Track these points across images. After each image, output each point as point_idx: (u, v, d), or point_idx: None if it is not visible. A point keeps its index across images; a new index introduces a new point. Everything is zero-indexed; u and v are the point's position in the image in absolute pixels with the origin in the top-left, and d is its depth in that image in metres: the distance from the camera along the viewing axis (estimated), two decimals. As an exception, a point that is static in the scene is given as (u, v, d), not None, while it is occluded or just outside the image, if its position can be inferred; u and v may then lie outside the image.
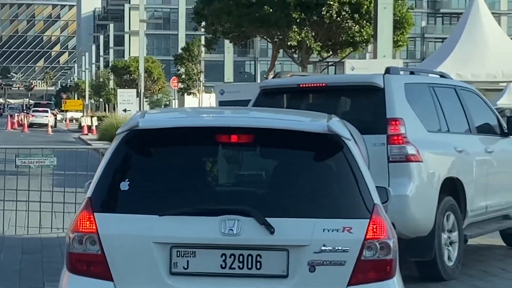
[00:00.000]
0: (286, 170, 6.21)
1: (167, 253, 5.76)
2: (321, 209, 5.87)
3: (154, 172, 6.15)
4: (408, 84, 11.49)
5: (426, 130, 11.26)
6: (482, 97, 13.45)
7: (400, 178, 10.62)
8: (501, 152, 12.84)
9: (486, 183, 12.22)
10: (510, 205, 12.91)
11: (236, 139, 6.15)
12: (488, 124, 12.90)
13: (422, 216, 10.80)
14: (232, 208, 5.81)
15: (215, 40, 47.90)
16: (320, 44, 41.14)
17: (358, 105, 11.57)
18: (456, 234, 11.37)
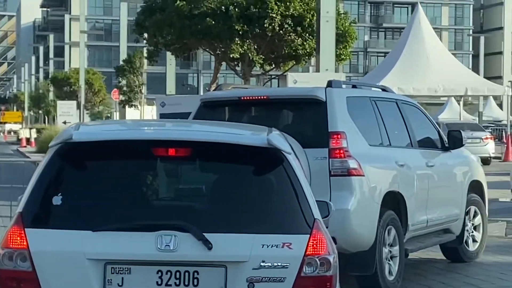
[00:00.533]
0: (226, 184, 6.14)
1: (101, 270, 5.64)
2: (261, 224, 5.79)
3: (89, 186, 6.02)
4: (350, 98, 11.46)
5: (368, 144, 11.25)
6: (424, 111, 13.53)
7: (341, 192, 10.59)
8: (442, 166, 12.90)
9: (427, 197, 12.26)
10: (450, 219, 12.98)
11: (174, 153, 6.06)
12: (429, 138, 12.98)
13: (364, 231, 10.79)
14: (169, 223, 5.71)
15: (157, 52, 47.92)
16: (262, 57, 41.34)
17: (300, 118, 11.53)
18: (397, 248, 11.37)
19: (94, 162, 6.14)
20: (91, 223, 5.72)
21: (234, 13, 39.40)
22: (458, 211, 13.18)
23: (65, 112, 62.62)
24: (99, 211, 5.88)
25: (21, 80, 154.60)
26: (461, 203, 13.27)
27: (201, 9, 40.27)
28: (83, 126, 6.47)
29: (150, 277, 5.66)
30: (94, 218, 5.78)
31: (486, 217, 14.25)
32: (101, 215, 5.83)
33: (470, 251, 13.75)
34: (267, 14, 38.81)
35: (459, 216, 13.19)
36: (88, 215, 5.83)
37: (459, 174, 13.47)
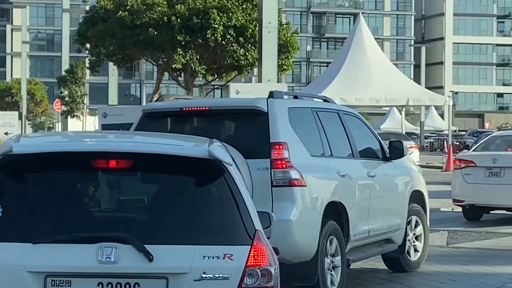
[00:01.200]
0: (167, 196, 6.12)
1: (42, 283, 5.59)
2: (202, 235, 5.78)
3: (29, 199, 5.96)
4: (292, 108, 11.46)
5: (310, 154, 11.24)
6: (365, 122, 13.59)
7: (283, 202, 10.58)
8: (383, 176, 12.95)
9: (368, 207, 12.30)
10: (392, 229, 13.01)
11: (115, 164, 6.01)
12: (371, 148, 13.04)
13: (305, 241, 10.78)
14: (110, 235, 5.67)
15: (99, 62, 47.75)
16: (205, 67, 41.36)
17: (242, 129, 11.49)
18: (339, 258, 11.36)
19: (35, 174, 6.08)
20: (32, 235, 5.66)
21: (176, 23, 39.37)
22: (400, 221, 13.23)
23: (6, 123, 62.24)
24: (40, 223, 5.83)
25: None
26: (402, 213, 13.33)
27: (143, 19, 40.18)
28: (24, 138, 6.43)
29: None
30: (35, 231, 5.73)
31: (427, 227, 14.31)
32: (42, 227, 5.78)
33: (412, 260, 13.80)
34: (209, 25, 38.83)
35: (400, 226, 13.23)
36: (28, 228, 5.77)
37: (400, 184, 13.54)
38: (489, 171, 20.10)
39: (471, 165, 20.41)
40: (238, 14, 39.15)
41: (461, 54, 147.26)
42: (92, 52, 46.05)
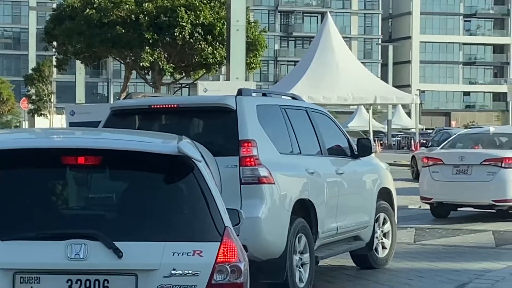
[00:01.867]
0: (136, 192, 6.12)
1: (10, 280, 5.59)
2: (172, 232, 5.78)
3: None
4: (260, 106, 11.46)
5: (279, 152, 11.25)
6: (333, 120, 13.63)
7: (252, 200, 10.60)
8: (352, 174, 12.98)
9: (337, 205, 12.31)
10: (360, 226, 13.05)
11: (83, 161, 6.00)
12: (339, 146, 13.03)
13: (274, 238, 10.79)
14: (79, 232, 5.67)
15: (66, 61, 47.64)
16: (173, 65, 41.39)
17: (211, 126, 11.52)
18: (307, 255, 11.38)
19: (2, 171, 6.08)
20: (5, 233, 5.68)
21: (144, 21, 39.39)
22: (368, 218, 13.28)
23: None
24: (7, 220, 5.81)
25: None
26: (370, 210, 13.38)
27: (110, 17, 40.18)
28: None
29: (60, 286, 5.60)
30: (3, 227, 5.72)
31: (395, 224, 14.38)
32: (10, 224, 5.77)
33: (380, 257, 13.86)
34: (177, 23, 38.84)
35: (368, 223, 13.28)
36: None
37: (368, 181, 13.59)
38: (456, 169, 20.22)
39: (439, 163, 20.59)
40: (206, 12, 39.17)
41: (428, 53, 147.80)
42: (59, 50, 46.02)
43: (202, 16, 39.05)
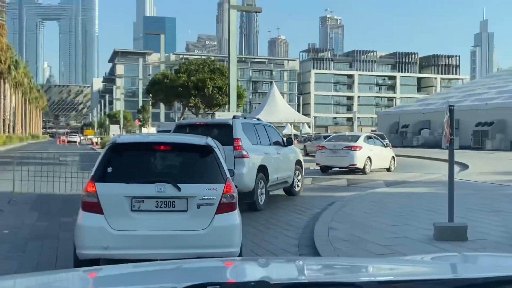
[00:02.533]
0: (187, 163, 6.14)
1: (129, 202, 5.64)
2: (203, 179, 5.85)
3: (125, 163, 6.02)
4: (243, 123, 11.63)
5: (251, 143, 11.34)
6: (275, 129, 13.71)
7: (240, 165, 10.67)
8: (284, 153, 13.01)
9: (277, 167, 12.36)
10: (287, 176, 13.14)
11: (163, 148, 6.18)
12: (278, 141, 13.05)
13: (249, 182, 10.89)
14: (161, 179, 5.73)
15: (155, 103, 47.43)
16: (204, 105, 41.22)
17: (222, 132, 11.37)
18: (264, 189, 11.49)
19: (127, 152, 6.09)
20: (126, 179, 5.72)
21: (190, 86, 39.41)
22: (291, 173, 13.33)
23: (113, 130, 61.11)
24: (130, 174, 5.84)
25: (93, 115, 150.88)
26: (292, 169, 13.40)
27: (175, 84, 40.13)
28: (122, 136, 6.40)
29: (153, 204, 5.65)
30: (127, 177, 5.75)
31: (303, 175, 14.35)
32: (130, 176, 5.79)
33: (296, 190, 13.86)
34: (205, 86, 38.79)
35: (291, 175, 13.36)
36: (124, 176, 5.79)
37: (291, 156, 13.50)
38: (331, 150, 20.36)
39: (324, 148, 20.66)
40: (219, 81, 39.10)
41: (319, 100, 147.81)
42: (153, 98, 45.65)
43: (217, 83, 39.01)
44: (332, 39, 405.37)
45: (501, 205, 10.92)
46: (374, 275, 1.88)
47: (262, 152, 11.69)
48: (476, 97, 52.31)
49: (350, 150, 19.90)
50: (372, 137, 21.84)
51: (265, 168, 11.65)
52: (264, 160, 11.66)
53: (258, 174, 11.26)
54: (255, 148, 11.46)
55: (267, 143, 12.36)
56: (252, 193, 11.03)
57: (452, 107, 7.28)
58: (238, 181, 10.33)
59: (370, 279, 1.54)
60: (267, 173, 11.74)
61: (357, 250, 6.99)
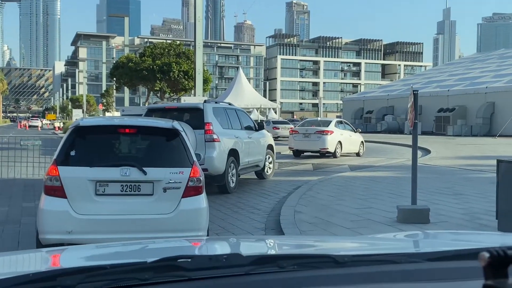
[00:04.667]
0: (153, 146, 6.06)
1: (94, 186, 5.55)
2: (169, 163, 5.79)
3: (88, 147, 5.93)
4: (214, 107, 11.66)
5: (222, 127, 11.41)
6: (246, 113, 13.84)
7: (211, 149, 10.80)
8: (255, 137, 13.15)
9: (248, 151, 12.49)
10: (259, 160, 13.31)
11: (128, 131, 6.07)
12: (249, 125, 13.15)
13: (220, 165, 11.00)
14: (125, 163, 5.66)
15: (119, 87, 46.67)
16: (169, 89, 40.83)
17: (193, 116, 11.41)
18: (235, 172, 11.67)
19: (90, 135, 5.96)
20: (89, 163, 5.61)
21: (156, 69, 38.89)
22: (262, 157, 13.49)
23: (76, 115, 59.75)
24: (94, 157, 5.74)
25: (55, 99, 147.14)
26: (263, 153, 13.57)
27: (140, 67, 39.57)
28: (85, 119, 6.24)
29: (118, 189, 5.58)
30: (91, 161, 5.64)
31: (274, 160, 14.56)
32: (95, 159, 5.69)
33: (267, 174, 14.06)
34: (171, 70, 38.41)
35: (262, 159, 13.55)
36: (88, 159, 5.67)
37: (262, 141, 13.63)
38: (303, 135, 20.67)
39: (296, 132, 21.04)
40: (185, 65, 38.72)
41: (285, 85, 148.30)
42: (117, 82, 44.87)
43: (183, 67, 38.60)
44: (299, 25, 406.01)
45: (462, 189, 11.21)
46: (347, 250, 1.88)
47: (233, 136, 11.76)
48: (438, 84, 53.36)
49: (322, 134, 20.14)
50: (342, 122, 22.24)
51: (236, 151, 11.74)
52: (235, 144, 11.74)
53: (229, 158, 11.35)
54: (226, 132, 11.51)
55: (238, 128, 12.43)
56: (223, 176, 11.11)
57: (416, 91, 7.39)
58: (209, 164, 10.62)
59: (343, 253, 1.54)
60: (238, 157, 11.83)
61: (323, 232, 7.06)
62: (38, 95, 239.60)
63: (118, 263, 1.37)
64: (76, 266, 1.48)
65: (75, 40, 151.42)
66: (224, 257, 1.34)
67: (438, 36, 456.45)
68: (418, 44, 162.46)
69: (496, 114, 42.68)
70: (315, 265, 1.35)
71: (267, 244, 2.10)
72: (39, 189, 5.83)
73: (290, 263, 1.34)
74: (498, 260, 0.95)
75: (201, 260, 1.36)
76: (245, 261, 1.32)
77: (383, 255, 1.52)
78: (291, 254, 1.62)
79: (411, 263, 1.39)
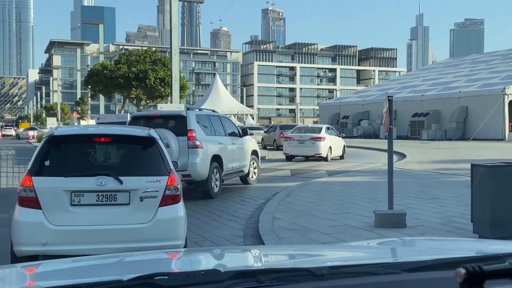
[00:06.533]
0: (129, 154, 6.01)
1: (69, 196, 5.45)
2: (146, 172, 5.73)
3: (63, 156, 5.83)
4: (197, 114, 11.89)
5: (205, 134, 11.64)
6: (231, 120, 14.40)
7: (194, 155, 11.08)
8: (239, 143, 13.33)
9: (232, 157, 12.71)
10: (243, 166, 13.51)
11: (103, 139, 6.00)
12: (233, 131, 13.36)
13: (203, 171, 11.27)
14: (101, 172, 5.58)
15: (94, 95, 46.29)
16: (145, 97, 40.56)
17: (176, 122, 11.59)
18: (218, 177, 11.90)
19: (65, 145, 5.88)
20: (64, 173, 5.52)
21: (131, 76, 38.61)
22: (246, 163, 13.70)
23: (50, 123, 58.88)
24: (69, 167, 5.64)
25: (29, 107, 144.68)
26: (247, 159, 13.77)
27: (116, 74, 39.22)
28: (59, 128, 6.15)
29: (94, 198, 5.50)
30: (66, 171, 5.56)
31: (259, 165, 14.81)
32: (70, 169, 5.59)
33: (252, 179, 14.28)
34: (147, 77, 38.16)
35: (247, 165, 13.75)
36: (63, 169, 5.57)
37: (246, 146, 13.81)
38: (298, 141, 21.78)
39: (291, 139, 22.06)
40: (161, 72, 38.52)
41: (262, 91, 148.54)
42: (92, 89, 44.41)
43: (159, 74, 38.39)
44: (274, 31, 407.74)
45: (438, 192, 11.35)
46: (325, 261, 1.89)
47: (216, 142, 11.96)
48: (412, 89, 54.07)
49: (316, 140, 21.32)
50: (330, 128, 23.56)
51: (219, 157, 11.95)
52: (219, 150, 11.94)
53: (212, 163, 11.56)
54: (209, 138, 11.68)
55: (222, 134, 12.61)
56: (206, 181, 11.33)
57: (391, 97, 7.47)
58: (192, 170, 10.96)
59: (321, 264, 1.55)
60: (222, 163, 12.04)
61: (301, 239, 7.07)
62: (11, 103, 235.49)
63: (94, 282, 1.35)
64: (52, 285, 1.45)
65: (49, 48, 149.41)
66: (201, 273, 1.34)
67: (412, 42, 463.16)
68: (392, 50, 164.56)
69: (469, 118, 43.41)
70: (294, 279, 1.35)
71: (245, 257, 2.10)
72: (13, 200, 5.71)
73: (269, 277, 1.34)
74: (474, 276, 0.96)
75: (178, 277, 1.34)
76: (223, 277, 1.32)
77: (360, 266, 1.53)
78: (269, 268, 1.63)
79: (388, 274, 1.39)
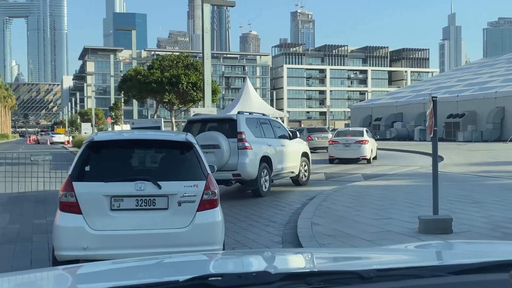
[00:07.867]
0: (166, 159, 5.98)
1: (109, 201, 5.47)
2: (183, 176, 5.68)
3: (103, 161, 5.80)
4: (247, 118, 12.62)
5: (254, 136, 12.33)
6: (280, 123, 14.96)
7: (244, 156, 11.80)
8: (289, 145, 13.85)
9: (281, 158, 13.30)
10: (293, 167, 14.02)
11: (142, 145, 6.06)
12: (284, 134, 13.96)
13: (252, 171, 11.96)
14: (140, 177, 5.56)
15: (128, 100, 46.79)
16: (178, 101, 40.93)
17: (227, 126, 12.26)
18: (268, 178, 12.59)
19: (105, 150, 5.85)
20: (104, 178, 5.52)
21: (164, 81, 38.98)
22: (296, 164, 14.18)
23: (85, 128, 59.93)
24: (108, 172, 5.62)
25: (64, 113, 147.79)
26: (298, 160, 14.28)
27: (149, 79, 39.69)
28: (99, 134, 6.13)
29: (133, 203, 5.48)
30: (106, 176, 5.56)
31: (310, 167, 15.18)
32: (109, 174, 5.59)
33: (303, 180, 14.73)
34: (180, 82, 38.51)
35: (297, 166, 14.25)
36: (102, 174, 5.57)
37: (296, 148, 14.30)
38: (343, 144, 22.38)
39: (337, 143, 22.60)
40: (193, 77, 38.79)
41: (292, 94, 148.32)
42: (125, 95, 45.00)
43: (191, 78, 38.61)
44: (304, 34, 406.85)
45: (480, 196, 10.95)
46: (371, 264, 1.88)
47: (265, 144, 12.56)
48: (447, 90, 53.02)
49: (361, 143, 22.08)
50: (368, 131, 24.28)
51: (269, 158, 12.55)
52: (267, 151, 12.51)
53: (261, 164, 12.19)
54: (258, 140, 12.30)
55: (272, 136, 13.15)
56: (255, 181, 11.98)
57: (435, 98, 7.19)
58: (241, 169, 11.68)
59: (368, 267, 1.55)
60: (271, 163, 12.63)
61: (343, 245, 6.84)
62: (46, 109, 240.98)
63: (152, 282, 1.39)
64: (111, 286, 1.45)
65: (82, 54, 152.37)
66: (253, 274, 1.37)
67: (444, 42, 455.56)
68: (424, 50, 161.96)
69: (507, 119, 42.27)
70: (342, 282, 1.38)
71: (294, 259, 2.12)
72: (50, 205, 5.71)
73: (318, 280, 1.38)
74: None
75: (231, 278, 1.38)
76: (274, 278, 1.37)
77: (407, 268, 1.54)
78: (318, 271, 1.65)
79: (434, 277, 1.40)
